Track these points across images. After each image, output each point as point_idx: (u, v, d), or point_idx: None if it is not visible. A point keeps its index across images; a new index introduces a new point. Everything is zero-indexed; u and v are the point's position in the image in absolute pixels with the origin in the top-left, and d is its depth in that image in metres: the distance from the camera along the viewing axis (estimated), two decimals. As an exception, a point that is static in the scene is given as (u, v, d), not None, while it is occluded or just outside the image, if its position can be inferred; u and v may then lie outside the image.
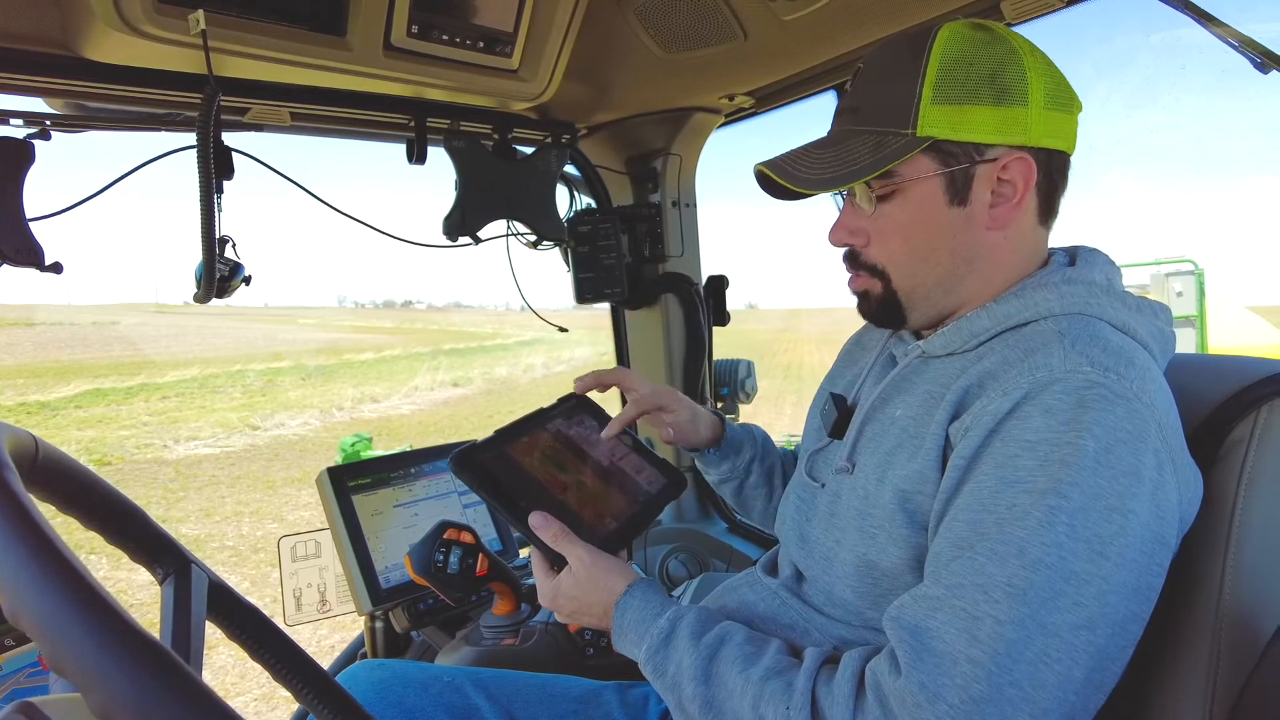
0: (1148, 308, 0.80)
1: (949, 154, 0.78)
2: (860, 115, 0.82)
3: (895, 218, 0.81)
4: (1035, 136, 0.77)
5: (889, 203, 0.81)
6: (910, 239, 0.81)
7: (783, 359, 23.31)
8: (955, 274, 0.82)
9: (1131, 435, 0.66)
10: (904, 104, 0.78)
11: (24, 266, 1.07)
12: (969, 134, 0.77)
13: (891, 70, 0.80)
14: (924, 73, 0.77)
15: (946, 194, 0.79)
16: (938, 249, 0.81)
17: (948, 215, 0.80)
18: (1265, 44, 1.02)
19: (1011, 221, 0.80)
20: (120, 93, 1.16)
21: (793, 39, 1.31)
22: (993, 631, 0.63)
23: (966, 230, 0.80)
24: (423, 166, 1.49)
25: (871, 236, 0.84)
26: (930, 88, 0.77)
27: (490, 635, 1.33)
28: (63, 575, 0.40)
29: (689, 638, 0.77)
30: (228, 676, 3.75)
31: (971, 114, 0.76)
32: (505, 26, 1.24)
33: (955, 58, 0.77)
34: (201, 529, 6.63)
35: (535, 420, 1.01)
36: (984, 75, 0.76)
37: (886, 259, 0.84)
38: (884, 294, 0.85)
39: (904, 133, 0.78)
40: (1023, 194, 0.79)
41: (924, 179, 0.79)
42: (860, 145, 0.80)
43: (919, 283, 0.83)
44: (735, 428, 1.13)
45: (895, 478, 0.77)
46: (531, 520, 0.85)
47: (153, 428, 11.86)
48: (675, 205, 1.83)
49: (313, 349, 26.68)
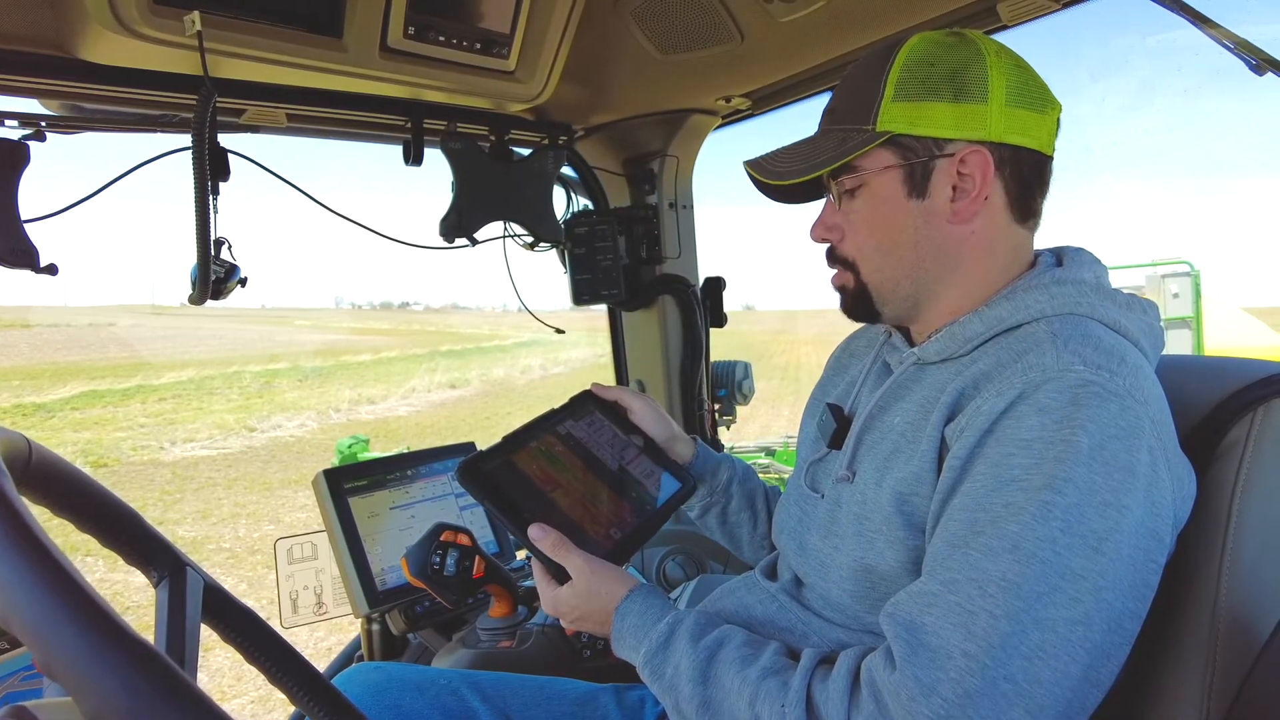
0: (1137, 305, 0.81)
1: (908, 148, 0.81)
2: (834, 116, 0.87)
3: (861, 211, 0.85)
4: (996, 132, 0.79)
5: (856, 198, 0.85)
6: (875, 231, 0.85)
7: (780, 360, 23.33)
8: (921, 267, 0.84)
9: (1125, 432, 0.66)
10: (867, 102, 0.82)
11: (19, 268, 1.07)
12: (926, 129, 0.80)
13: (863, 73, 0.84)
14: (888, 73, 0.81)
15: (905, 186, 0.82)
16: (900, 241, 0.84)
17: (907, 207, 0.82)
18: (1260, 46, 1.02)
19: (973, 216, 0.82)
20: (115, 94, 1.16)
21: (789, 41, 1.31)
22: (987, 626, 0.63)
23: (927, 223, 0.82)
24: (419, 168, 1.48)
25: (845, 231, 0.88)
26: (892, 86, 0.80)
27: (487, 637, 1.33)
28: (54, 579, 0.39)
29: (687, 640, 0.78)
30: (224, 679, 3.74)
31: (930, 110, 0.79)
32: (502, 28, 1.24)
33: (919, 59, 0.81)
34: (198, 531, 6.61)
35: (544, 423, 1.00)
36: (944, 74, 0.80)
37: (855, 252, 0.87)
38: (856, 287, 0.88)
39: (865, 128, 0.81)
40: (981, 186, 0.80)
41: (883, 171, 0.82)
42: (827, 142, 0.85)
43: (886, 276, 0.86)
44: (711, 451, 1.13)
45: (892, 481, 0.77)
46: (530, 532, 0.85)
47: (149, 429, 11.83)
48: (672, 207, 1.83)
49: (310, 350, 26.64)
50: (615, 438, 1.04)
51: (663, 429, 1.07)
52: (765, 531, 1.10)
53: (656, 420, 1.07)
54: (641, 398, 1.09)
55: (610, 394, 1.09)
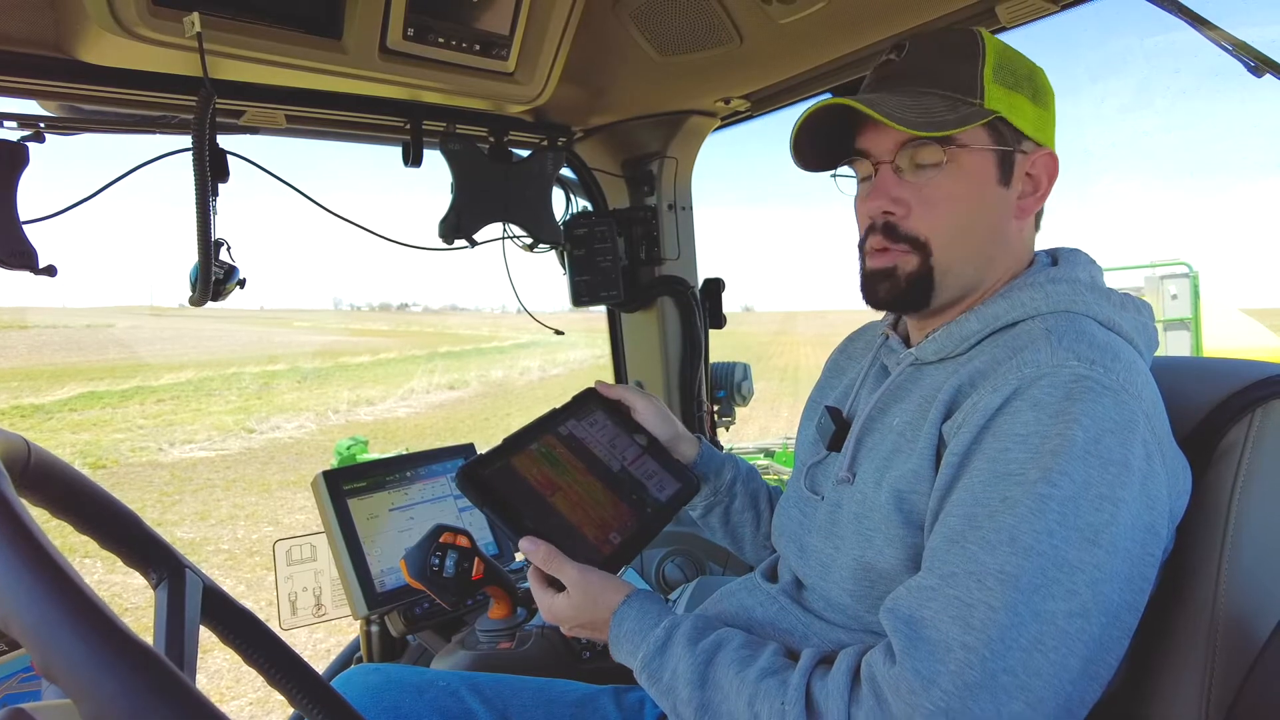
0: (1131, 304, 0.82)
1: (1002, 134, 0.81)
2: (924, 79, 0.81)
3: (945, 187, 0.81)
4: (1051, 142, 0.84)
5: (940, 171, 0.81)
6: (957, 209, 0.81)
7: (779, 361, 23.33)
8: (985, 254, 0.83)
9: (1119, 426, 0.67)
10: (969, 76, 0.80)
11: (18, 269, 1.07)
12: (1019, 120, 0.81)
13: (952, 46, 0.82)
14: (983, 54, 0.81)
15: (998, 171, 0.82)
16: (979, 224, 0.82)
17: (994, 193, 0.82)
18: (1258, 48, 1.02)
19: (1030, 215, 0.85)
20: (115, 95, 1.16)
21: (788, 42, 1.32)
22: (986, 618, 0.63)
23: (1003, 213, 0.83)
24: (419, 169, 1.49)
25: (913, 206, 0.82)
26: (990, 68, 0.80)
27: (486, 639, 1.33)
28: (53, 581, 0.39)
29: (685, 643, 0.77)
30: (223, 681, 3.74)
31: (1020, 103, 0.81)
32: (501, 29, 1.24)
33: (1001, 50, 0.82)
34: (197, 532, 6.60)
35: (546, 424, 1.00)
36: (1024, 73, 0.82)
37: (929, 229, 0.81)
38: (919, 269, 0.82)
39: (973, 101, 0.80)
40: (1045, 189, 0.83)
41: (982, 151, 0.81)
42: (936, 104, 0.80)
43: (956, 257, 0.82)
44: (715, 450, 1.12)
45: (891, 479, 0.78)
46: (522, 545, 0.84)
47: (148, 431, 11.82)
48: (671, 208, 1.83)
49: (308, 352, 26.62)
50: (618, 437, 1.03)
51: (666, 428, 1.06)
52: (768, 532, 1.10)
53: (660, 419, 1.06)
54: (645, 396, 1.08)
55: (614, 393, 1.08)
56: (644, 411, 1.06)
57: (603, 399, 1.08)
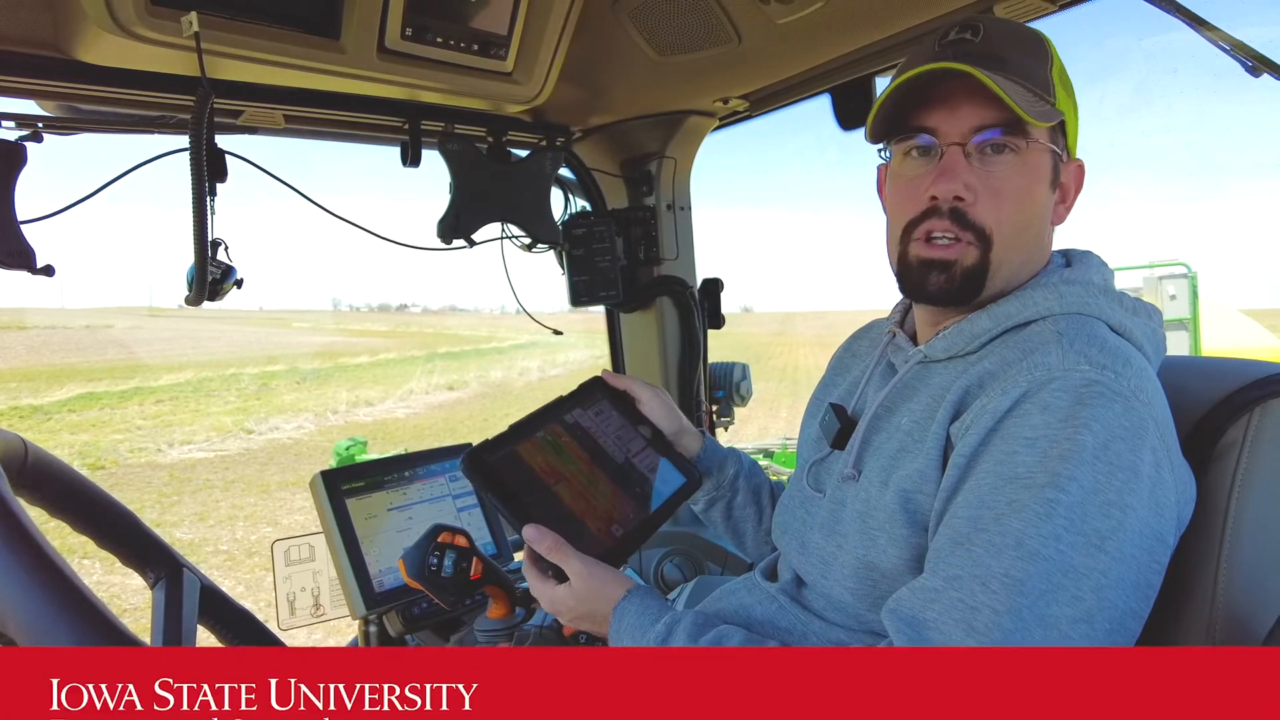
0: (1142, 310, 0.82)
1: (1056, 139, 0.82)
2: (1009, 68, 0.77)
3: (1013, 180, 0.79)
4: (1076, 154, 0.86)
5: (1009, 163, 0.79)
6: (1021, 203, 0.80)
7: (778, 362, 23.34)
8: (1030, 254, 0.83)
9: (1129, 432, 0.67)
10: (1044, 75, 0.80)
11: (16, 269, 1.06)
12: (1071, 127, 0.83)
13: (1025, 41, 0.81)
14: (1051, 57, 0.81)
15: (1052, 172, 0.82)
16: (1034, 222, 0.82)
17: (1046, 194, 0.82)
18: (1256, 48, 1.02)
19: (1062, 222, 0.86)
20: (113, 95, 1.16)
21: (787, 42, 1.32)
22: (990, 622, 0.63)
23: (1048, 215, 0.84)
24: (417, 169, 1.48)
25: (980, 195, 0.78)
26: (1056, 71, 0.80)
27: (484, 639, 1.33)
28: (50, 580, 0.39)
29: (685, 640, 0.78)
30: (221, 681, 3.73)
31: (1073, 112, 0.83)
32: (499, 29, 1.24)
33: (1058, 57, 0.82)
34: (196, 533, 6.60)
35: (552, 412, 0.99)
36: (1071, 84, 0.84)
37: (995, 221, 0.79)
38: (977, 263, 0.79)
39: (1049, 100, 0.79)
40: (1073, 200, 0.85)
41: (1046, 150, 0.81)
42: (1025, 92, 0.77)
43: (1010, 253, 0.80)
44: (718, 445, 1.12)
45: (897, 479, 0.77)
46: (526, 533, 0.85)
47: (147, 431, 11.82)
48: (670, 208, 1.82)
49: (307, 352, 26.60)
50: (622, 428, 1.03)
51: (671, 421, 1.06)
52: (769, 527, 1.10)
53: (666, 412, 1.06)
54: (651, 388, 1.08)
55: (620, 383, 1.08)
56: (649, 403, 1.06)
57: (609, 388, 1.08)
